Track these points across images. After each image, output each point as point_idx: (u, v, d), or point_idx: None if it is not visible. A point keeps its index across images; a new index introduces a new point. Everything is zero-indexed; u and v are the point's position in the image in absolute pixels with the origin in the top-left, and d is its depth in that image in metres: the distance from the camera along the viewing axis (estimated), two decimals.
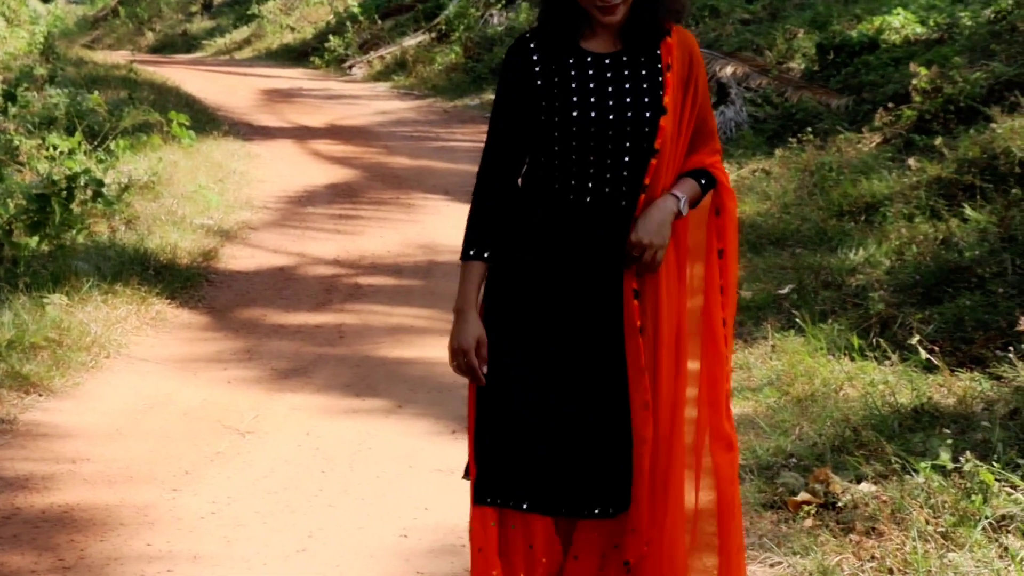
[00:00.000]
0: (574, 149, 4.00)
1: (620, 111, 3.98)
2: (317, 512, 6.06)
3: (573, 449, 4.02)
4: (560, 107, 3.99)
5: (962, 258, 8.31)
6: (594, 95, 3.99)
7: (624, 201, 4.03)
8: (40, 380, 7.70)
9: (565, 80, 4.00)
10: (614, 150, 4.00)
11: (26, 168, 11.76)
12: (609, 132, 3.98)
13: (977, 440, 6.03)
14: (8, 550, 5.56)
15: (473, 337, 4.03)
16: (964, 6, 14.51)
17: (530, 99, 4.04)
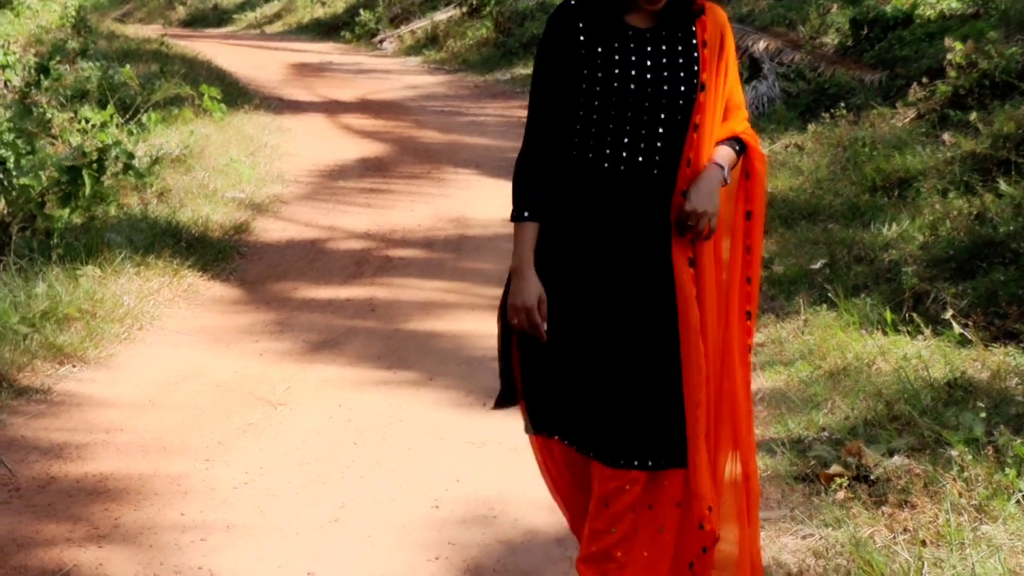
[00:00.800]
0: (611, 118, 4.09)
1: (658, 84, 4.08)
2: (349, 483, 6.09)
3: (617, 408, 4.10)
4: (602, 77, 4.07)
5: (996, 233, 8.28)
6: (634, 68, 4.07)
7: (656, 171, 4.13)
8: (74, 351, 7.75)
9: (608, 51, 4.07)
10: (649, 121, 4.09)
11: (59, 141, 11.81)
12: (646, 104, 4.07)
13: (1011, 414, 6.03)
14: (44, 518, 5.61)
15: (534, 295, 4.10)
16: None
17: (573, 66, 4.11)
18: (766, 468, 6.05)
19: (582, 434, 4.16)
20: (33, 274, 8.47)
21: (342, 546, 5.39)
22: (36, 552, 5.29)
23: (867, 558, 4.92)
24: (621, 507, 4.13)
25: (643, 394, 4.12)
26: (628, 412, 4.11)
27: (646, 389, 4.12)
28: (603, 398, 4.12)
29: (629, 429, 4.10)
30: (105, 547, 5.36)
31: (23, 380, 7.26)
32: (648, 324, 4.14)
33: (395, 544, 5.42)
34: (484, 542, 5.46)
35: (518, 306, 4.11)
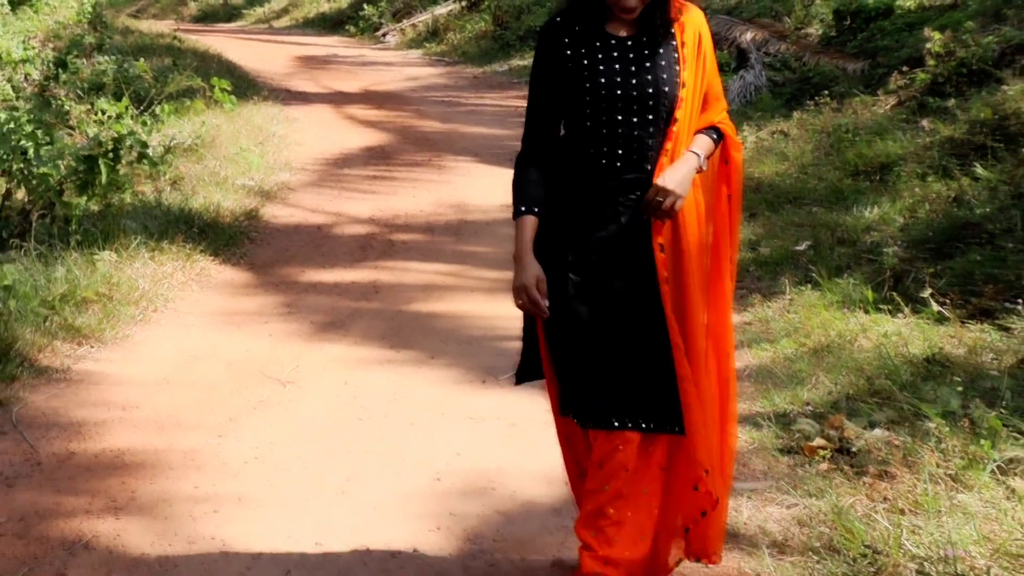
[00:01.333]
0: (603, 120, 4.37)
1: (642, 86, 4.35)
2: (355, 457, 6.10)
3: (611, 376, 4.38)
4: (590, 83, 4.36)
5: (973, 215, 8.30)
6: (619, 74, 4.36)
7: (649, 165, 4.39)
8: (92, 332, 7.76)
9: (593, 60, 4.37)
10: (639, 121, 4.37)
11: (76, 131, 11.80)
12: (634, 105, 4.36)
13: (986, 388, 6.05)
14: (64, 491, 5.62)
15: (533, 276, 4.37)
16: None
17: (561, 76, 4.41)
18: (753, 441, 6.09)
19: (581, 404, 4.42)
20: (52, 259, 8.48)
21: (348, 517, 5.40)
22: (57, 523, 5.30)
23: (848, 526, 4.94)
24: (614, 466, 4.36)
25: (633, 365, 4.38)
26: (621, 380, 4.38)
27: (635, 361, 4.38)
28: (598, 368, 4.39)
29: (622, 395, 4.37)
30: (122, 518, 5.37)
31: (43, 360, 7.27)
32: (635, 302, 4.39)
33: (399, 515, 5.44)
34: (483, 513, 5.47)
35: (518, 287, 4.39)
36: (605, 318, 4.41)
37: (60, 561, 4.96)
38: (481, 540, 5.22)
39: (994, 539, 4.72)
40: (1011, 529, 4.77)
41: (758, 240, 9.48)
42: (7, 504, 5.47)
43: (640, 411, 4.38)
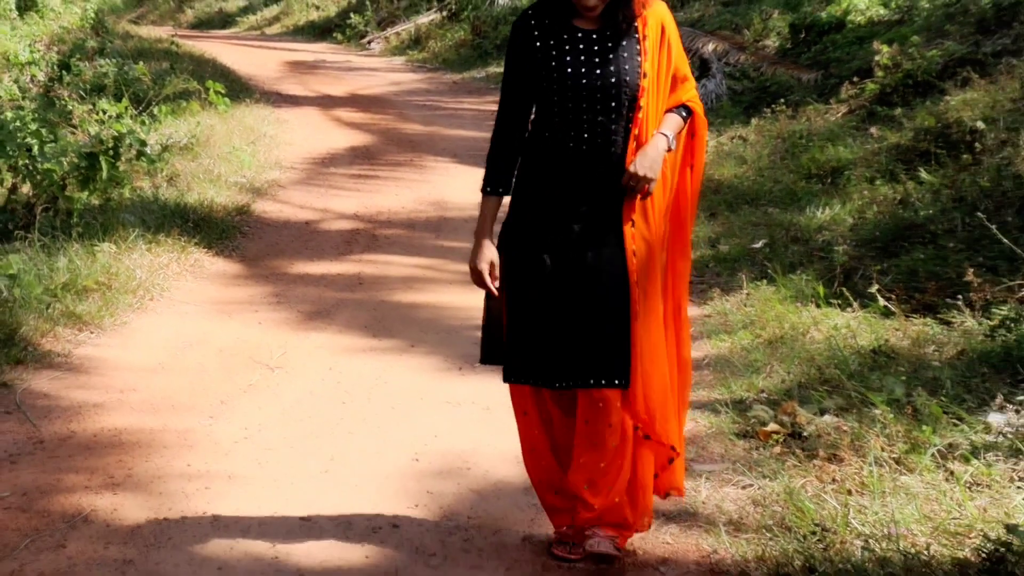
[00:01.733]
0: (571, 108, 4.52)
1: (605, 76, 4.50)
2: (339, 438, 6.09)
3: (579, 338, 4.56)
4: (557, 73, 4.50)
5: (917, 216, 8.33)
6: (585, 65, 4.50)
7: (614, 148, 4.56)
8: (92, 319, 7.73)
9: (560, 51, 4.52)
10: (603, 108, 4.52)
11: (79, 130, 11.76)
12: (598, 94, 4.50)
13: (928, 378, 6.07)
14: (65, 468, 5.60)
15: (486, 260, 4.64)
16: None
17: (531, 65, 4.56)
18: (711, 426, 6.10)
19: (549, 368, 4.62)
20: (55, 250, 8.44)
21: (332, 494, 5.39)
22: (58, 498, 5.29)
23: (799, 506, 4.96)
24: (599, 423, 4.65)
25: (595, 328, 4.56)
26: (583, 341, 4.57)
27: (598, 324, 4.56)
28: (566, 333, 4.58)
29: (583, 355, 4.57)
30: (119, 494, 5.36)
31: (46, 345, 7.24)
32: (604, 272, 4.56)
33: (380, 493, 5.43)
34: (459, 492, 5.48)
35: (472, 267, 4.67)
36: (575, 289, 4.56)
37: (61, 533, 4.95)
38: (457, 516, 5.22)
39: (934, 518, 4.74)
40: (950, 509, 4.80)
41: (717, 238, 9.50)
42: (11, 480, 5.45)
43: (597, 369, 4.56)
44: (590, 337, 4.56)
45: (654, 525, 5.03)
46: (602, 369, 4.57)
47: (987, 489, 4.98)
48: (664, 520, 5.14)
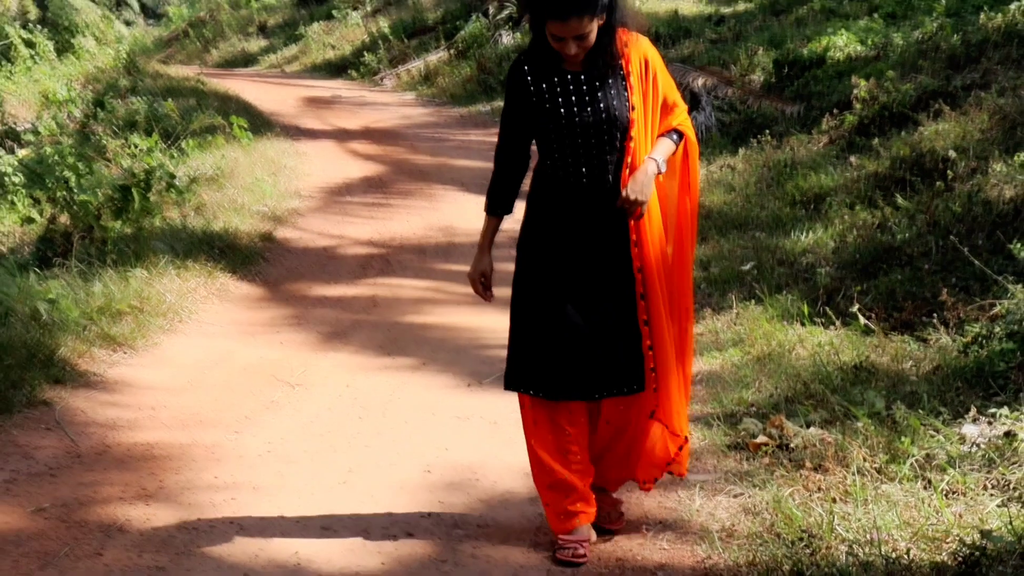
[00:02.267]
0: (567, 144, 4.64)
1: (596, 113, 4.60)
2: (355, 451, 6.09)
3: (594, 351, 4.69)
4: (552, 113, 4.63)
5: (894, 240, 8.31)
6: (576, 104, 4.61)
7: (611, 177, 4.67)
8: (125, 340, 7.73)
9: (552, 93, 4.63)
10: (597, 142, 4.63)
11: (112, 163, 11.76)
12: (591, 130, 4.61)
13: (906, 392, 6.07)
14: (101, 481, 5.61)
15: (479, 271, 4.92)
16: (896, 29, 14.46)
17: (527, 106, 4.69)
18: (704, 438, 6.09)
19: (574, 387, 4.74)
20: (91, 276, 8.45)
21: (350, 504, 5.40)
22: (95, 509, 5.29)
23: (787, 513, 4.95)
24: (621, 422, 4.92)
25: (612, 341, 4.71)
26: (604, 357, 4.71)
27: (613, 337, 4.71)
28: (584, 346, 4.70)
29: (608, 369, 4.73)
30: (152, 505, 5.36)
31: (83, 365, 7.24)
32: (614, 290, 4.72)
33: (394, 503, 5.43)
34: (468, 502, 5.47)
35: (469, 276, 4.96)
36: (588, 308, 4.69)
37: (98, 542, 4.95)
38: (467, 525, 5.21)
39: (913, 524, 4.73)
40: (928, 515, 4.79)
41: (708, 261, 9.48)
42: (52, 492, 5.45)
43: (621, 378, 4.74)
44: (609, 350, 4.70)
45: (652, 531, 5.04)
46: (624, 377, 4.74)
47: (963, 497, 4.97)
48: (661, 527, 5.13)
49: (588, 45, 4.52)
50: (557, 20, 4.43)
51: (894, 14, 15.69)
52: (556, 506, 4.87)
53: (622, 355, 4.73)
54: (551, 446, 4.83)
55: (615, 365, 4.73)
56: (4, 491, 5.44)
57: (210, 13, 39.63)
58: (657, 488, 5.46)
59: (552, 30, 4.48)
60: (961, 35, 12.27)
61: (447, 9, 28.15)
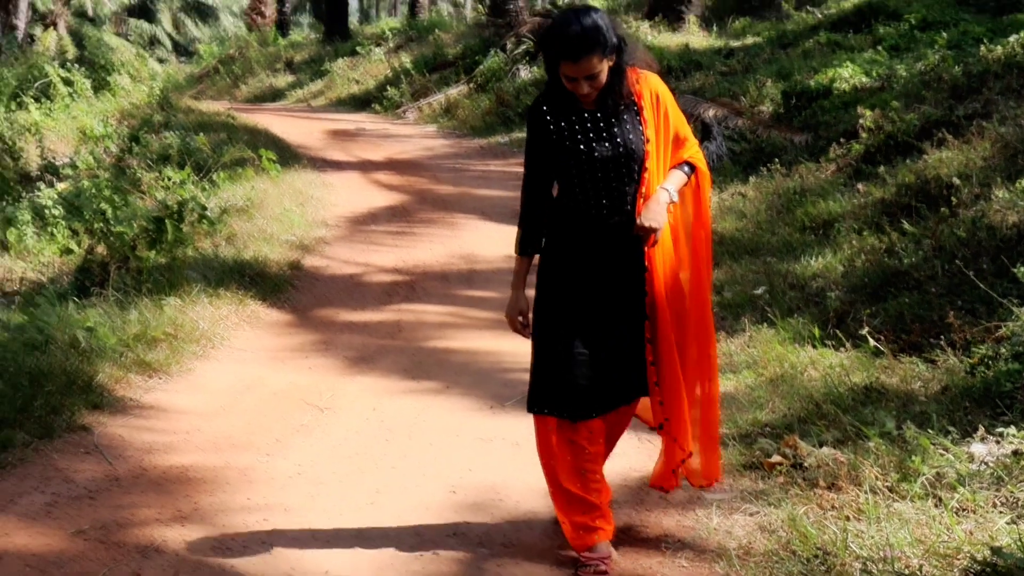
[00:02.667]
0: (588, 178, 4.73)
1: (615, 147, 4.71)
2: (383, 473, 6.07)
3: (611, 374, 4.83)
4: (572, 150, 4.72)
5: (902, 264, 8.28)
6: (595, 140, 4.72)
7: (628, 207, 4.76)
8: (160, 366, 7.74)
9: (572, 131, 4.74)
10: (615, 175, 4.73)
11: (147, 196, 11.80)
12: (610, 164, 4.71)
13: (916, 412, 6.03)
14: (138, 502, 5.60)
15: (516, 310, 4.97)
16: (900, 61, 14.45)
17: (549, 145, 4.78)
18: (720, 458, 6.02)
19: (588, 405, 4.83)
20: (127, 304, 8.47)
21: (378, 524, 5.38)
22: (132, 530, 5.28)
23: (802, 531, 4.91)
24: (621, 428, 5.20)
25: (622, 359, 4.85)
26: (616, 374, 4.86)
27: (623, 356, 4.85)
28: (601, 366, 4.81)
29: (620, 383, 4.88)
30: (187, 526, 5.35)
31: (120, 391, 7.25)
32: (626, 312, 4.84)
33: (421, 523, 5.41)
34: (492, 521, 5.45)
35: (507, 316, 5.01)
36: (604, 331, 4.82)
37: (136, 563, 4.94)
38: (491, 544, 5.19)
39: (925, 541, 4.69)
40: (939, 533, 4.74)
41: (722, 286, 9.45)
42: (91, 514, 5.45)
43: (632, 389, 4.93)
44: (623, 371, 4.86)
45: (671, 549, 5.02)
46: (634, 391, 4.94)
47: (973, 514, 4.93)
48: (680, 546, 5.11)
49: (599, 85, 4.63)
50: (570, 61, 4.55)
51: (897, 47, 15.70)
52: (575, 523, 4.88)
53: (634, 374, 4.90)
54: (569, 466, 4.86)
55: (627, 383, 4.90)
56: (45, 513, 5.45)
57: (239, 50, 39.84)
58: (675, 507, 5.46)
59: (565, 71, 4.59)
60: (963, 66, 12.26)
61: (467, 44, 28.21)
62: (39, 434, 6.40)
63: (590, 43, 4.51)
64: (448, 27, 32.96)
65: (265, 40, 40.49)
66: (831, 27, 18.54)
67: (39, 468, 6.03)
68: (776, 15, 22.18)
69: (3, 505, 5.54)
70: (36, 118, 18.44)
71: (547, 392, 4.85)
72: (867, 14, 18.29)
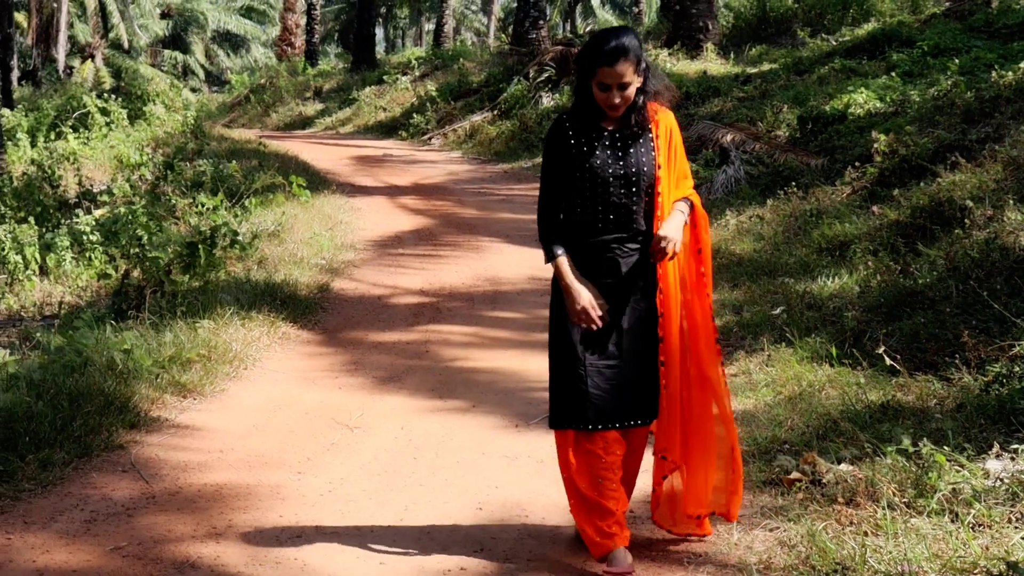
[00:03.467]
0: (599, 192, 4.84)
1: (627, 167, 4.84)
2: (411, 490, 6.07)
3: (625, 389, 4.88)
4: (588, 164, 4.82)
5: (917, 285, 8.25)
6: (611, 157, 4.85)
7: (636, 226, 4.89)
8: (194, 387, 7.77)
9: (590, 147, 4.85)
10: (625, 192, 4.86)
11: (181, 222, 11.88)
12: (621, 180, 4.84)
13: (932, 429, 5.99)
14: (174, 519, 5.62)
15: (587, 298, 4.81)
16: (913, 86, 14.44)
17: (567, 159, 4.87)
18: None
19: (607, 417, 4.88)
20: (162, 327, 8.51)
21: (406, 541, 5.37)
22: (168, 547, 5.29)
23: (821, 546, 4.89)
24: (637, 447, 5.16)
25: (635, 380, 4.92)
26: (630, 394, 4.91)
27: (636, 377, 4.92)
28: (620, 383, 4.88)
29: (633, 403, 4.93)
30: (221, 543, 5.36)
31: (155, 411, 7.28)
32: (640, 333, 4.93)
33: (448, 539, 5.41)
34: (518, 537, 5.44)
35: (578, 309, 4.80)
36: (619, 348, 4.88)
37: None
38: (517, 559, 5.18)
39: (942, 556, 4.66)
40: (956, 547, 4.71)
41: (741, 305, 9.44)
42: (128, 530, 5.47)
43: (650, 409, 4.98)
44: (637, 386, 4.92)
45: (693, 564, 5.00)
46: (651, 409, 4.99)
47: (988, 529, 4.90)
48: (701, 560, 5.09)
49: (629, 97, 4.80)
50: (606, 66, 4.72)
51: (911, 73, 15.67)
52: (593, 529, 4.94)
53: (649, 396, 4.98)
54: (586, 476, 4.92)
55: (643, 402, 4.96)
56: (85, 530, 5.47)
57: (269, 80, 40.07)
58: None
59: (601, 78, 4.75)
60: (975, 92, 12.25)
61: (490, 72, 28.32)
62: (78, 453, 6.43)
63: (627, 51, 4.72)
64: (472, 56, 33.13)
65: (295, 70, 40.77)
66: (846, 54, 18.53)
67: (78, 486, 6.06)
68: (792, 42, 22.19)
69: (44, 522, 5.56)
70: (74, 147, 18.63)
71: (565, 406, 4.93)
72: (881, 41, 18.28)
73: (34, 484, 6.02)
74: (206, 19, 59.00)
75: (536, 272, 11.13)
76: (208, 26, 59.73)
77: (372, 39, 40.65)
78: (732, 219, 12.53)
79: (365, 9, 38.73)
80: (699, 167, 14.92)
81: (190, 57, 59.76)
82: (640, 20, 36.30)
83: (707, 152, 15.35)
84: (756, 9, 24.23)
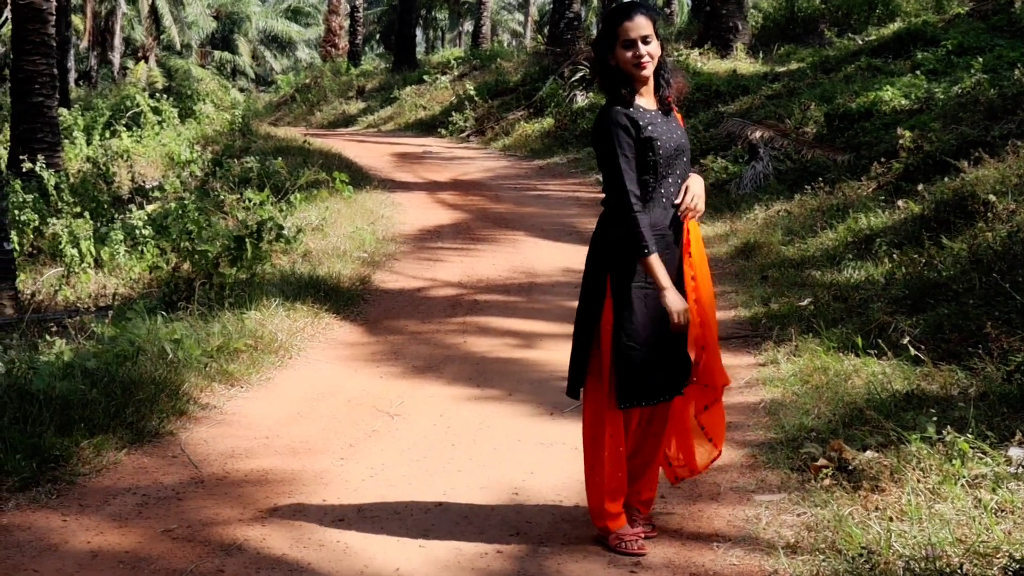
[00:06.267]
0: (661, 165, 4.80)
1: (681, 139, 4.90)
2: (449, 475, 6.06)
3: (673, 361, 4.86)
4: (652, 142, 4.77)
5: (941, 277, 8.19)
6: (666, 134, 4.83)
7: (677, 199, 4.87)
8: (241, 376, 7.80)
9: (646, 123, 4.80)
10: (678, 163, 4.87)
11: (228, 216, 11.91)
12: (677, 153, 4.85)
13: (955, 417, 5.93)
14: (221, 503, 5.63)
15: (683, 303, 4.75)
16: (938, 84, 14.31)
17: (633, 140, 4.77)
18: (769, 461, 6.00)
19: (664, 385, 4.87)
20: (211, 318, 8.54)
21: (445, 525, 5.37)
22: (216, 529, 5.31)
23: (847, 531, 4.85)
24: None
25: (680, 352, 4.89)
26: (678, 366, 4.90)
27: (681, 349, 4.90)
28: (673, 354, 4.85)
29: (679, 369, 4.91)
30: (267, 526, 5.37)
31: (204, 399, 7.31)
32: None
33: (485, 523, 5.40)
34: (553, 522, 5.42)
35: (680, 310, 4.72)
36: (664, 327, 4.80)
37: (219, 560, 4.96)
38: (552, 543, 5.16)
39: (966, 541, 4.62)
40: (979, 532, 4.67)
41: (769, 297, 9.39)
42: (178, 514, 5.49)
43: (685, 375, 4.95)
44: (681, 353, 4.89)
45: (723, 547, 4.98)
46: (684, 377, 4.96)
47: (1011, 515, 4.85)
48: (731, 544, 5.06)
49: (655, 53, 4.80)
50: (627, 20, 4.74)
51: (935, 70, 15.53)
52: (608, 507, 5.01)
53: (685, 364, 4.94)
54: (616, 457, 4.94)
55: (683, 370, 4.93)
56: (136, 514, 5.49)
57: (314, 80, 40.16)
58: (726, 507, 5.43)
59: (624, 35, 4.75)
60: (998, 89, 12.14)
61: (527, 72, 28.30)
62: (130, 439, 6.47)
63: (643, 7, 4.77)
64: (509, 56, 33.10)
65: (338, 70, 40.83)
66: (871, 53, 18.38)
67: (130, 471, 6.09)
68: (819, 42, 22.02)
69: (98, 505, 5.60)
70: (127, 145, 18.71)
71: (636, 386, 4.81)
72: (906, 40, 18.13)
73: (89, 468, 6.05)
74: (251, 22, 59.29)
75: (570, 264, 11.11)
76: (253, 27, 60.03)
77: (413, 40, 40.70)
78: (760, 213, 12.47)
79: (406, 11, 38.79)
80: (728, 163, 14.87)
81: (238, 58, 60.07)
82: (671, 21, 36.15)
83: (736, 148, 15.29)
84: (784, 9, 24.07)
